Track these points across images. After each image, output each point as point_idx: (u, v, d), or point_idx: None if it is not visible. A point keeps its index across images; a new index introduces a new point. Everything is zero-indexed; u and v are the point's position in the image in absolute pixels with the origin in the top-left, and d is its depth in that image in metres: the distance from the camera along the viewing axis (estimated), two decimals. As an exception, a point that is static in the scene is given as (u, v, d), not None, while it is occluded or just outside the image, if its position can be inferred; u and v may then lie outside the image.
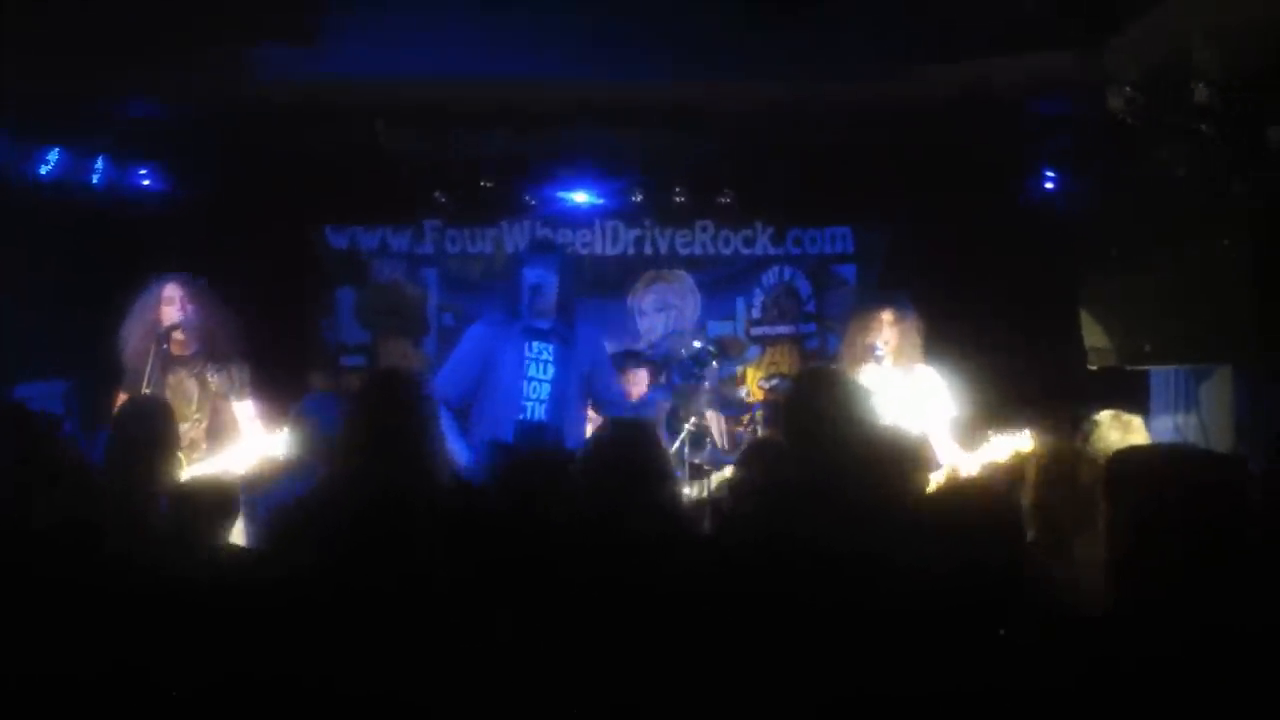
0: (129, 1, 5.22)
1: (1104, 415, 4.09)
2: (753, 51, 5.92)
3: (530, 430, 5.22)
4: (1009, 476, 4.06)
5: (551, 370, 5.55)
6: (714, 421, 7.33)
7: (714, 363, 6.04)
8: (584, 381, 5.60)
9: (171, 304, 5.81)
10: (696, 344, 6.08)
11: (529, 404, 5.52)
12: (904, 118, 6.91)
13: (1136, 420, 4.04)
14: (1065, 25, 5.55)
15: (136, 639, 2.67)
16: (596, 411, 5.75)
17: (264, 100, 6.58)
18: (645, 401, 6.13)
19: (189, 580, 3.04)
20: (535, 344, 5.57)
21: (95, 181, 7.39)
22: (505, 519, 3.09)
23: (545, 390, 5.53)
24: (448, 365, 5.82)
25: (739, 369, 8.49)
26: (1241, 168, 5.79)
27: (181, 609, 2.78)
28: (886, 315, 5.91)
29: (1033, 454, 3.94)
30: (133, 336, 5.81)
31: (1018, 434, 4.82)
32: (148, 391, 5.49)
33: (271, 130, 7.22)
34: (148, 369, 5.63)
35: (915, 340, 5.94)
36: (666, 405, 6.06)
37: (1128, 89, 5.80)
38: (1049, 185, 7.86)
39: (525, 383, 5.54)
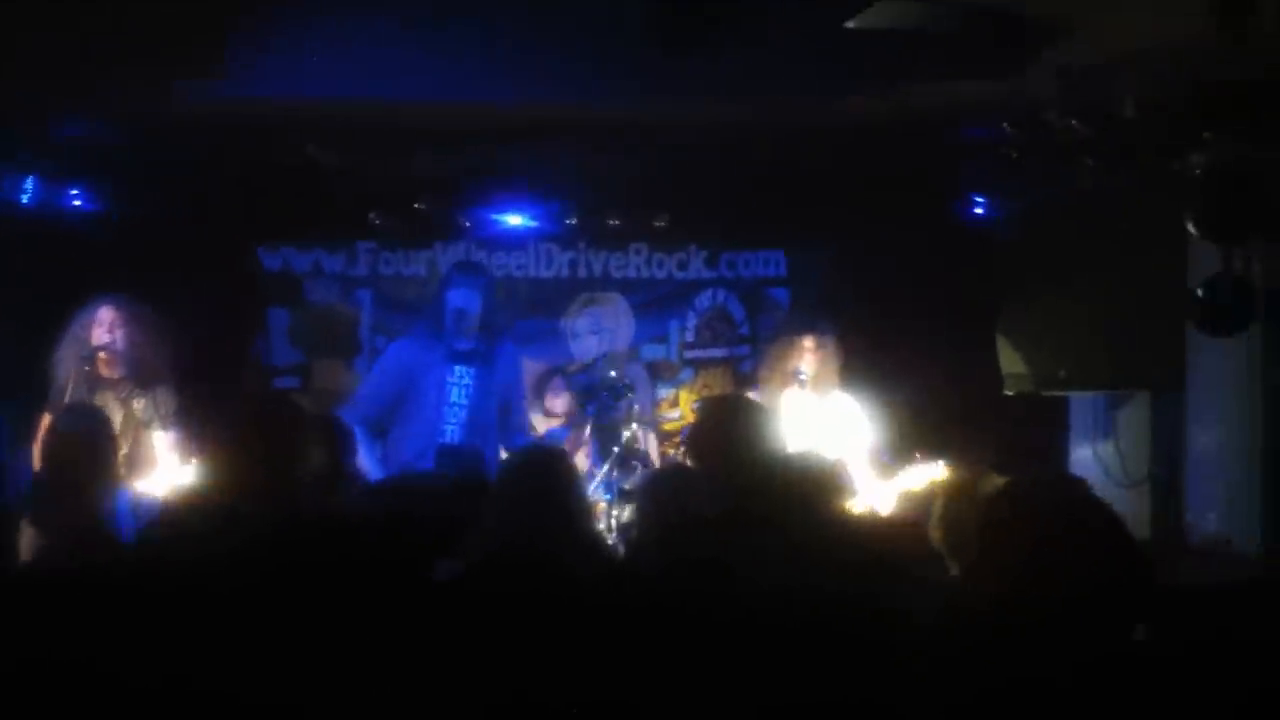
0: (55, 22, 5.19)
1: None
2: (684, 74, 5.96)
3: (449, 454, 5.24)
4: (920, 508, 4.11)
5: (470, 394, 5.58)
6: (646, 444, 7.37)
7: (630, 396, 6.09)
8: (500, 409, 5.63)
9: (102, 326, 5.78)
10: (613, 373, 6.10)
11: (449, 428, 5.55)
12: (833, 142, 6.98)
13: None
14: (993, 50, 5.64)
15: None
16: (501, 440, 5.76)
17: (194, 120, 6.56)
18: (551, 435, 6.16)
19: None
20: (458, 368, 5.60)
21: (25, 201, 7.34)
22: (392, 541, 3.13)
23: (463, 415, 5.56)
24: (369, 382, 5.84)
25: (672, 391, 8.54)
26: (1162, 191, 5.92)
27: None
28: (808, 341, 6.02)
29: (941, 485, 4.00)
30: (63, 358, 5.78)
31: (933, 464, 4.89)
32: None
33: (203, 151, 7.20)
34: (70, 390, 5.60)
35: (833, 367, 6.05)
36: (582, 433, 6.10)
37: (1054, 112, 5.91)
38: (978, 210, 7.96)
39: (447, 408, 5.56)
